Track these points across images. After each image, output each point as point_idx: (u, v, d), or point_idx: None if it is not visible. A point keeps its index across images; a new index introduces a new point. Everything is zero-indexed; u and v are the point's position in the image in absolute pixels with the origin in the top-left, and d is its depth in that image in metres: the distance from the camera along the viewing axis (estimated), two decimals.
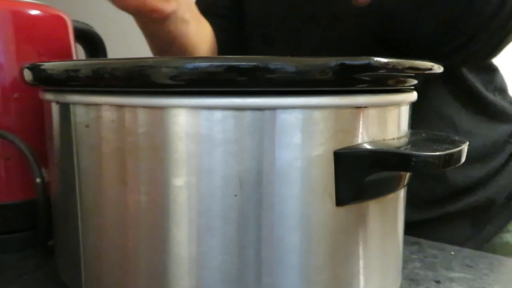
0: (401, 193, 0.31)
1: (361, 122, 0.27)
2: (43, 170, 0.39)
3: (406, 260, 0.41)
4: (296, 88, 0.25)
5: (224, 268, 0.26)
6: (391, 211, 0.30)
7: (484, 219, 0.57)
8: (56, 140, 0.32)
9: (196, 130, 0.25)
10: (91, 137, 0.28)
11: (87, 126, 0.28)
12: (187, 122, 0.25)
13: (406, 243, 0.42)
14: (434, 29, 0.45)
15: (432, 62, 0.29)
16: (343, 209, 0.27)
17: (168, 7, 0.46)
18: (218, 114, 0.25)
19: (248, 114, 0.25)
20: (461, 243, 0.45)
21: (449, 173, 0.54)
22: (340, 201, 0.26)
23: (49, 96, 0.31)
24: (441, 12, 0.43)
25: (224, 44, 0.63)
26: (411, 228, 0.25)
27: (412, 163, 0.25)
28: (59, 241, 0.35)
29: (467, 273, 0.39)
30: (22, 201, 0.43)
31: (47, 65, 0.29)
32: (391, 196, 0.30)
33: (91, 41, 0.62)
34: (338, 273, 0.28)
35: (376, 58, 0.25)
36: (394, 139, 0.29)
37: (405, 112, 0.30)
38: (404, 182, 0.31)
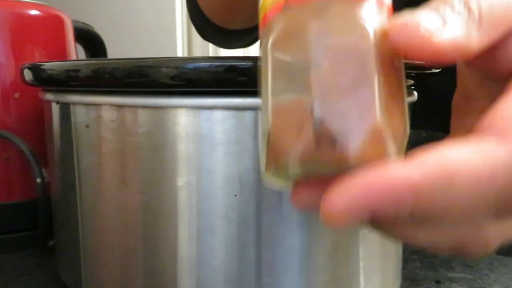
0: None
1: None
2: (43, 170, 0.39)
3: (406, 260, 0.41)
4: None
5: (224, 268, 0.26)
6: None
7: None
8: (56, 140, 0.32)
9: (196, 130, 0.25)
10: (91, 137, 0.28)
11: (87, 126, 0.28)
12: (187, 122, 0.25)
13: None
14: None
15: None
16: None
17: None
18: (218, 114, 0.25)
19: (248, 114, 0.25)
20: None
21: None
22: None
23: (49, 96, 0.31)
24: None
25: None
26: None
27: None
28: (59, 241, 0.35)
29: (467, 273, 0.39)
30: (22, 201, 0.43)
31: (47, 65, 0.29)
32: None
33: (91, 41, 0.62)
34: (338, 274, 0.28)
35: None
36: None
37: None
38: None
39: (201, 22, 0.58)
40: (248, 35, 0.60)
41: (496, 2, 0.17)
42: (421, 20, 0.16)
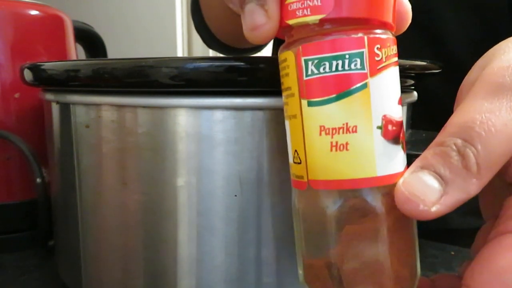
0: None
1: None
2: (43, 170, 0.39)
3: None
4: None
5: (224, 268, 0.26)
6: None
7: None
8: (56, 140, 0.32)
9: (196, 130, 0.25)
10: (91, 137, 0.28)
11: (87, 126, 0.28)
12: (187, 122, 0.25)
13: None
14: None
15: (431, 62, 0.29)
16: None
17: None
18: (218, 114, 0.25)
19: (248, 114, 0.25)
20: None
21: None
22: None
23: (49, 96, 0.31)
24: None
25: None
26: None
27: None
28: (59, 241, 0.35)
29: None
30: (22, 201, 0.43)
31: (47, 65, 0.29)
32: None
33: (91, 41, 0.62)
34: None
35: None
36: None
37: (405, 112, 0.30)
38: None
39: (211, 42, 0.59)
40: (257, 49, 0.61)
41: (495, 143, 0.18)
42: (421, 193, 0.18)
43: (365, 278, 0.20)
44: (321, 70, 0.19)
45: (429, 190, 0.18)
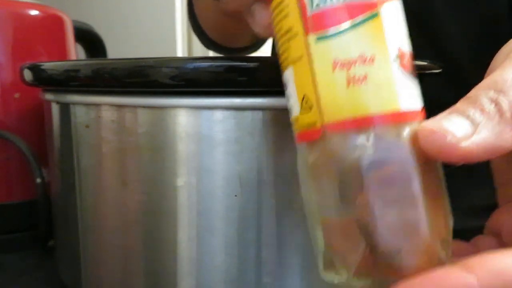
0: None
1: None
2: (43, 170, 0.39)
3: None
4: None
5: (224, 268, 0.26)
6: None
7: None
8: (56, 140, 0.32)
9: (196, 130, 0.25)
10: (91, 137, 0.28)
11: (87, 126, 0.28)
12: (187, 122, 0.25)
13: None
14: None
15: (431, 61, 0.29)
16: None
17: None
18: (218, 114, 0.25)
19: (248, 114, 0.25)
20: None
21: None
22: None
23: (49, 96, 0.31)
24: None
25: None
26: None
27: None
28: (59, 241, 0.35)
29: None
30: (22, 201, 0.43)
31: (47, 65, 0.29)
32: None
33: (91, 41, 0.62)
34: None
35: None
36: None
37: None
38: None
39: (207, 43, 0.60)
40: (253, 48, 0.62)
41: None
42: (449, 127, 0.16)
43: (400, 229, 0.17)
44: (329, 0, 0.18)
45: (458, 125, 0.16)
